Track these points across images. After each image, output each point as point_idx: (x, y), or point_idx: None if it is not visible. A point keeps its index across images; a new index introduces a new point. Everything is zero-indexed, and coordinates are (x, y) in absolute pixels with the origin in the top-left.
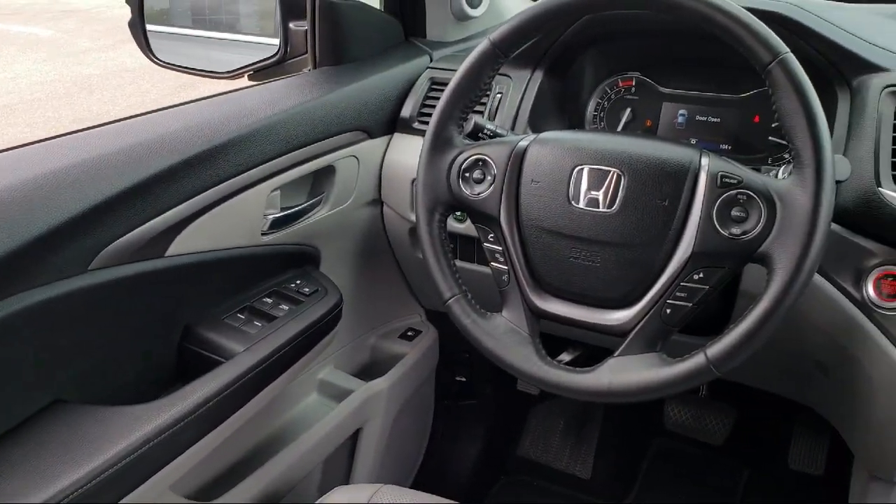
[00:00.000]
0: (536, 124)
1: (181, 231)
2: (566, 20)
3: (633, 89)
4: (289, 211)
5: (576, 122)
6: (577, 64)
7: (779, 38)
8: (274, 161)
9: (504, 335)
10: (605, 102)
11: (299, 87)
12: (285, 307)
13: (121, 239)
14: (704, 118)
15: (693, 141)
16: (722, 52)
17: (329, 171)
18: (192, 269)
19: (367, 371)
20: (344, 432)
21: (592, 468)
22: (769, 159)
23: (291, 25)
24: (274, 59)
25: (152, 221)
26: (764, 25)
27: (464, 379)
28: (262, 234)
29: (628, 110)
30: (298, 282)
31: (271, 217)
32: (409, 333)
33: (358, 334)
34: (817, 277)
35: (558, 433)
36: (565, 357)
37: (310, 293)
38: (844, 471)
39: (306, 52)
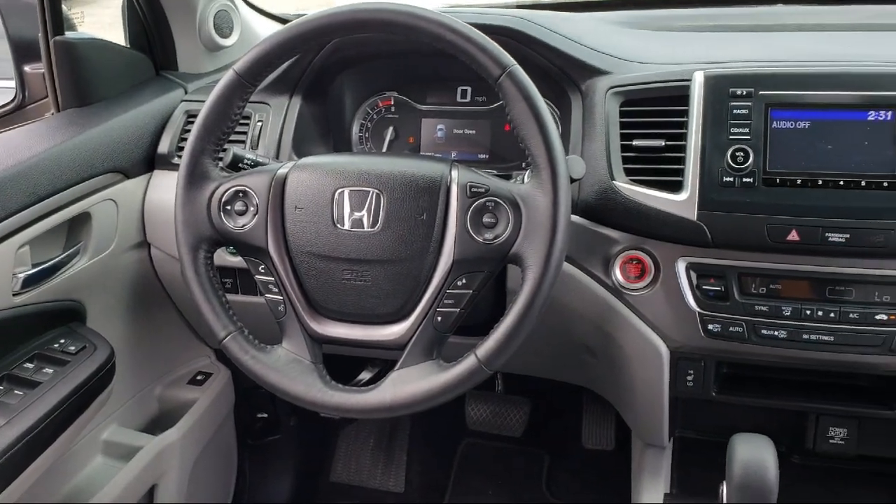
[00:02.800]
0: (301, 150)
1: None
2: (307, 46)
3: (393, 108)
4: (42, 266)
5: (343, 145)
6: (335, 87)
7: (505, 52)
8: (18, 215)
9: (286, 366)
10: (369, 123)
11: (42, 133)
12: (49, 370)
13: None
14: (461, 131)
15: (454, 153)
16: (469, 66)
17: (84, 218)
18: None
19: (157, 424)
20: (136, 492)
21: (405, 481)
22: (523, 164)
23: (27, 69)
24: (10, 105)
25: None
26: (491, 41)
27: (266, 415)
28: (14, 295)
29: (391, 129)
30: (63, 341)
31: (22, 275)
32: (199, 377)
33: (141, 386)
34: (572, 269)
35: (368, 452)
36: (365, 376)
37: (76, 351)
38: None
39: (47, 96)
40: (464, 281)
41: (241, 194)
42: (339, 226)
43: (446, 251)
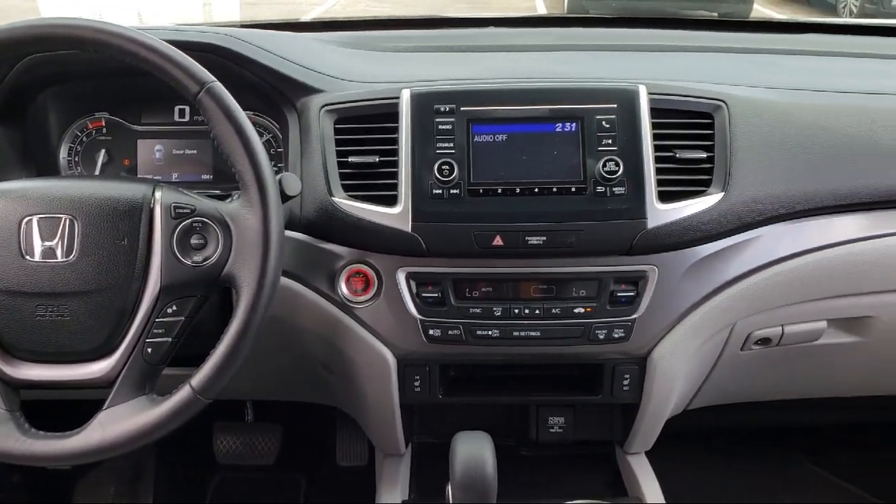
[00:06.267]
0: None
1: None
2: None
3: (105, 130)
4: None
5: (49, 171)
6: (36, 108)
7: (203, 69)
8: None
9: None
10: (78, 146)
11: None
12: None
13: None
14: (181, 151)
15: (174, 175)
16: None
17: None
18: None
19: None
20: None
21: None
22: None
23: None
24: None
25: None
26: (188, 58)
27: None
28: None
29: (103, 152)
30: None
31: None
32: None
33: None
34: (298, 286)
35: (109, 502)
36: None
37: None
38: None
39: None
40: (174, 308)
41: None
42: (27, 257)
43: (152, 277)
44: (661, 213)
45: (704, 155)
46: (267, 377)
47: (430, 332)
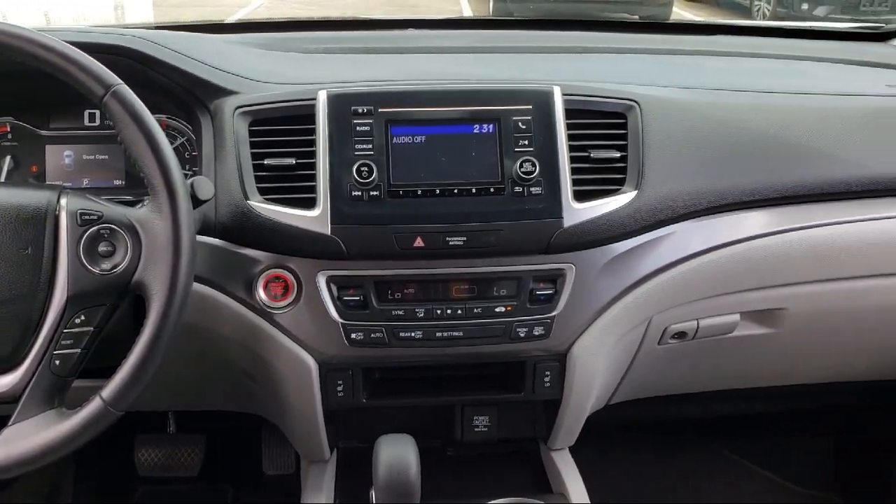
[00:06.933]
0: None
1: None
2: None
3: (10, 135)
4: None
5: None
6: None
7: (108, 71)
8: None
9: None
10: None
11: None
12: None
13: None
14: (92, 157)
15: (85, 181)
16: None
17: None
18: None
19: None
20: None
21: None
22: None
23: None
24: None
25: None
26: (92, 60)
27: None
28: None
29: (9, 158)
30: None
31: None
32: None
33: None
34: (215, 293)
35: None
36: None
37: None
38: None
39: None
40: (83, 318)
41: None
42: None
43: (59, 287)
44: (577, 211)
45: (618, 154)
46: (187, 387)
47: (353, 335)
